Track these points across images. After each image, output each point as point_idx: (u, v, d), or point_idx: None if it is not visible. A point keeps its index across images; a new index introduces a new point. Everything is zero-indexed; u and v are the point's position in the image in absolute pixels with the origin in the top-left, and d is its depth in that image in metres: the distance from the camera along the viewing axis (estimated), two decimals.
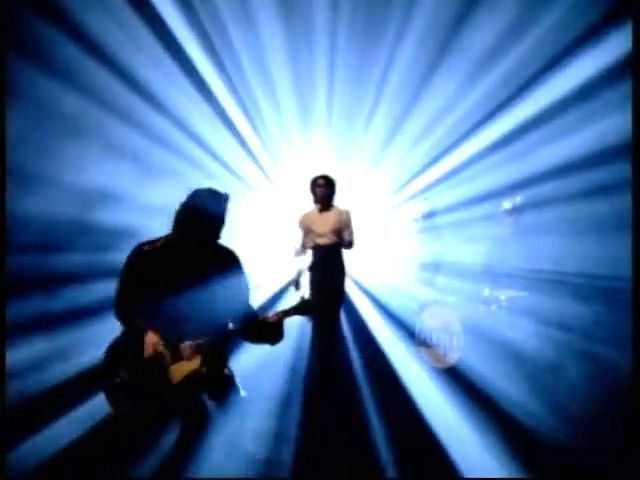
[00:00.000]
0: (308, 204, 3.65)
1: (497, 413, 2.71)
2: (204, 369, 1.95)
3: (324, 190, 3.54)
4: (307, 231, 3.61)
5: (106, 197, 3.54)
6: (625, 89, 2.29)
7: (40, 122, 3.18)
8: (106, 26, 3.26)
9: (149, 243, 2.11)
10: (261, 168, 5.51)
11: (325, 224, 3.55)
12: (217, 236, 2.14)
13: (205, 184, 2.21)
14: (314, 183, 3.57)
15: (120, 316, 2.05)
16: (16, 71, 2.87)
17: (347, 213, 3.58)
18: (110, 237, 3.47)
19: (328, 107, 4.89)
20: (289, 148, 5.52)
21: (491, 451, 2.46)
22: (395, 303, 4.73)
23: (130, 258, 2.10)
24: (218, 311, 2.06)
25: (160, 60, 3.69)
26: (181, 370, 1.93)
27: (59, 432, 2.69)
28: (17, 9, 2.90)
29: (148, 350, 1.92)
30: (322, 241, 3.55)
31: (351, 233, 3.59)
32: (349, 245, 3.58)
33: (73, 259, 3.41)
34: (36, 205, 3.17)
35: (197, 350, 1.96)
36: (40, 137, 3.19)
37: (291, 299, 3.69)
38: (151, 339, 1.93)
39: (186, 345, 1.96)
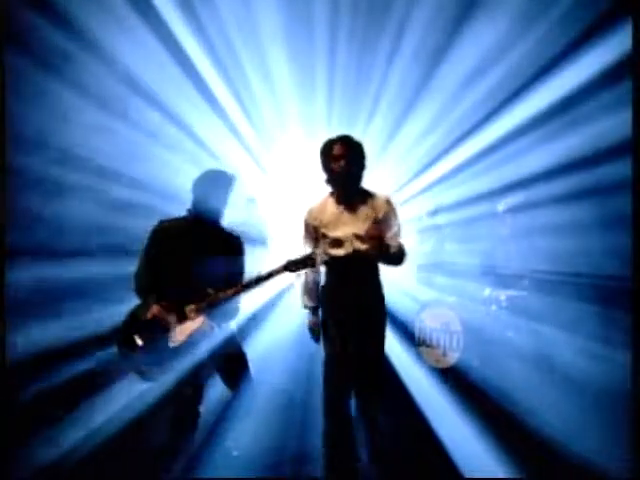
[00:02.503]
0: (314, 195, 2.42)
1: (497, 413, 2.71)
2: (208, 326, 2.28)
3: (346, 165, 2.17)
4: (317, 237, 2.29)
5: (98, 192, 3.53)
6: (625, 89, 2.29)
7: (38, 118, 3.19)
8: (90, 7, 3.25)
9: (169, 220, 2.39)
10: (263, 169, 5.51)
11: (350, 223, 2.21)
12: (223, 211, 2.42)
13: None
14: (328, 152, 2.22)
15: (138, 289, 2.31)
16: (16, 70, 2.87)
17: (389, 202, 2.27)
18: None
19: (328, 106, 4.89)
20: (289, 146, 5.52)
21: (491, 451, 2.46)
22: (395, 303, 4.72)
23: (151, 232, 2.36)
24: (217, 280, 2.32)
25: (167, 67, 3.70)
26: (187, 329, 2.24)
27: (60, 432, 2.70)
28: (16, 8, 2.90)
29: (149, 315, 2.22)
30: (343, 252, 2.21)
31: (397, 235, 2.24)
32: (397, 259, 2.23)
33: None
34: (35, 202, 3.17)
35: (200, 311, 2.26)
36: (38, 135, 3.19)
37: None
38: (153, 309, 2.22)
39: (190, 307, 2.25)
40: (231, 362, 2.41)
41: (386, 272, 2.41)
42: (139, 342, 2.22)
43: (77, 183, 3.42)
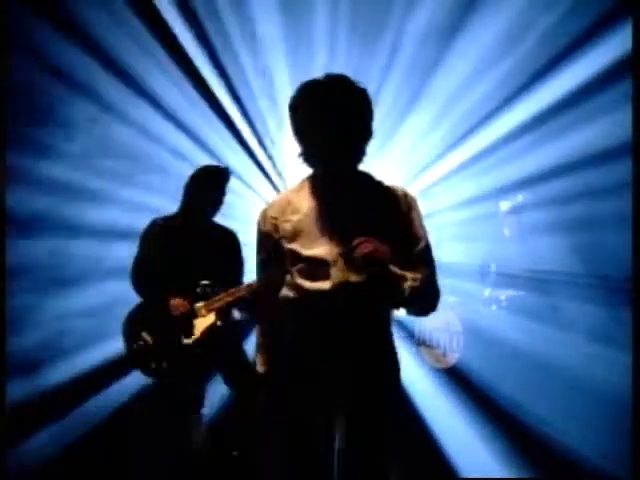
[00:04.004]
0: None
1: (497, 413, 2.71)
2: (219, 323, 2.22)
3: (337, 114, 1.24)
4: (282, 253, 1.31)
5: (98, 193, 3.53)
6: (625, 89, 2.29)
7: (36, 117, 3.19)
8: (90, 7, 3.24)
9: (163, 219, 2.34)
10: (262, 169, 5.50)
11: (343, 230, 1.25)
12: (218, 208, 2.36)
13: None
14: (309, 106, 1.27)
15: (137, 285, 2.28)
16: (15, 70, 2.87)
17: (409, 198, 1.38)
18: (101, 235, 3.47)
19: None
20: (289, 146, 5.51)
21: (491, 451, 2.45)
22: None
23: (145, 232, 2.32)
24: (219, 278, 2.28)
25: (163, 64, 3.69)
26: (199, 326, 2.18)
27: (59, 432, 2.69)
28: (17, 9, 2.90)
29: (178, 310, 2.18)
30: (328, 285, 1.23)
31: (425, 258, 1.35)
32: (425, 301, 1.40)
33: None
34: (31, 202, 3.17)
35: (210, 308, 2.20)
36: (37, 135, 3.20)
37: None
38: (178, 301, 2.18)
39: (200, 305, 2.20)
40: (233, 363, 2.40)
41: None
42: (148, 339, 2.21)
43: (77, 184, 3.42)
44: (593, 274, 2.96)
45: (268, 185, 5.83)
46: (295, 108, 1.31)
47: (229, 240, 2.43)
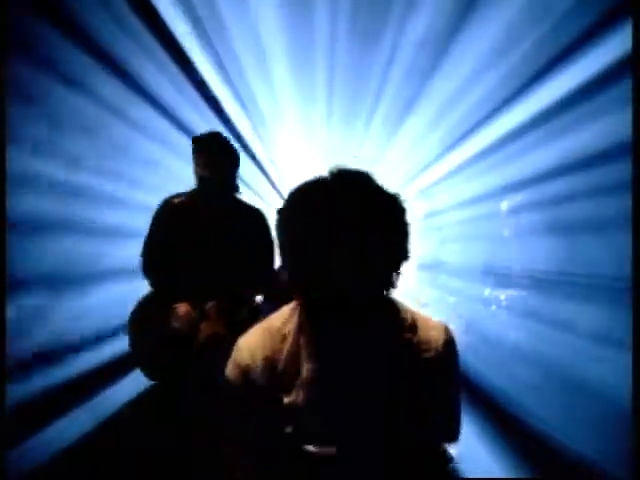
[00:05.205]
0: None
1: (497, 413, 2.71)
2: (224, 332, 1.87)
3: (339, 225, 0.89)
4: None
5: (99, 193, 3.53)
6: (625, 89, 2.29)
7: (37, 120, 3.19)
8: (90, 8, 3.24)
9: (177, 196, 2.04)
10: (262, 169, 5.49)
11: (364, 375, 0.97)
12: (230, 178, 2.02)
13: None
14: (289, 206, 0.95)
15: (148, 272, 1.99)
16: (15, 70, 2.87)
17: (448, 336, 1.13)
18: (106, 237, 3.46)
19: (328, 104, 4.88)
20: (289, 146, 5.51)
21: (491, 451, 2.45)
22: None
23: (157, 212, 2.04)
24: (240, 269, 1.93)
25: (164, 65, 3.69)
26: (204, 331, 1.89)
27: (60, 432, 2.69)
28: (17, 9, 2.90)
29: (182, 320, 1.87)
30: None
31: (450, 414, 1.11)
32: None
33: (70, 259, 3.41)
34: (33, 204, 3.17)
35: (220, 311, 1.90)
36: (37, 136, 3.19)
37: None
38: (183, 310, 1.85)
39: (211, 305, 1.90)
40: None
41: None
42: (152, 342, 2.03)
43: (77, 183, 3.42)
44: (593, 274, 2.96)
45: (271, 188, 5.83)
46: (280, 222, 0.91)
47: (254, 220, 2.06)
